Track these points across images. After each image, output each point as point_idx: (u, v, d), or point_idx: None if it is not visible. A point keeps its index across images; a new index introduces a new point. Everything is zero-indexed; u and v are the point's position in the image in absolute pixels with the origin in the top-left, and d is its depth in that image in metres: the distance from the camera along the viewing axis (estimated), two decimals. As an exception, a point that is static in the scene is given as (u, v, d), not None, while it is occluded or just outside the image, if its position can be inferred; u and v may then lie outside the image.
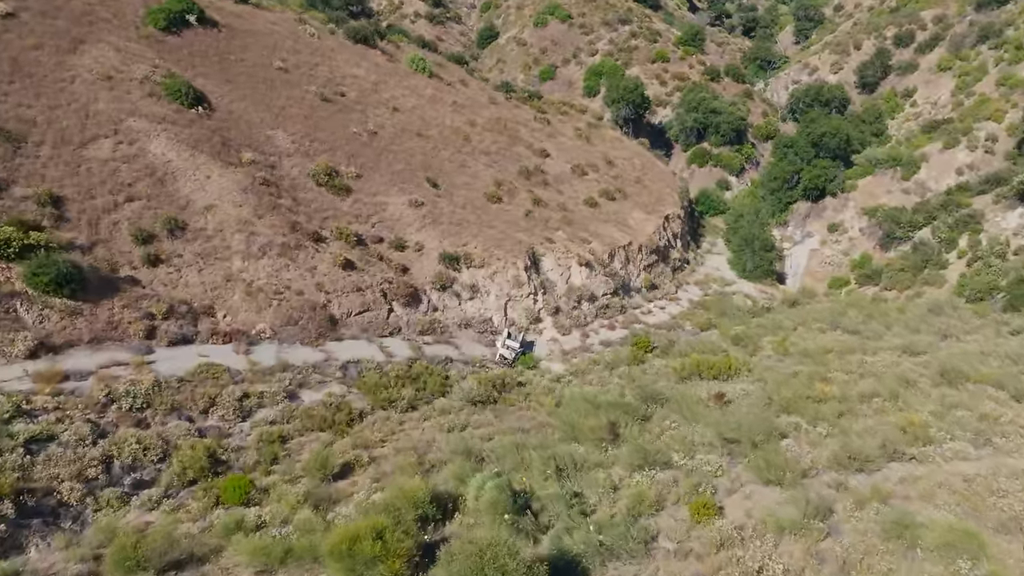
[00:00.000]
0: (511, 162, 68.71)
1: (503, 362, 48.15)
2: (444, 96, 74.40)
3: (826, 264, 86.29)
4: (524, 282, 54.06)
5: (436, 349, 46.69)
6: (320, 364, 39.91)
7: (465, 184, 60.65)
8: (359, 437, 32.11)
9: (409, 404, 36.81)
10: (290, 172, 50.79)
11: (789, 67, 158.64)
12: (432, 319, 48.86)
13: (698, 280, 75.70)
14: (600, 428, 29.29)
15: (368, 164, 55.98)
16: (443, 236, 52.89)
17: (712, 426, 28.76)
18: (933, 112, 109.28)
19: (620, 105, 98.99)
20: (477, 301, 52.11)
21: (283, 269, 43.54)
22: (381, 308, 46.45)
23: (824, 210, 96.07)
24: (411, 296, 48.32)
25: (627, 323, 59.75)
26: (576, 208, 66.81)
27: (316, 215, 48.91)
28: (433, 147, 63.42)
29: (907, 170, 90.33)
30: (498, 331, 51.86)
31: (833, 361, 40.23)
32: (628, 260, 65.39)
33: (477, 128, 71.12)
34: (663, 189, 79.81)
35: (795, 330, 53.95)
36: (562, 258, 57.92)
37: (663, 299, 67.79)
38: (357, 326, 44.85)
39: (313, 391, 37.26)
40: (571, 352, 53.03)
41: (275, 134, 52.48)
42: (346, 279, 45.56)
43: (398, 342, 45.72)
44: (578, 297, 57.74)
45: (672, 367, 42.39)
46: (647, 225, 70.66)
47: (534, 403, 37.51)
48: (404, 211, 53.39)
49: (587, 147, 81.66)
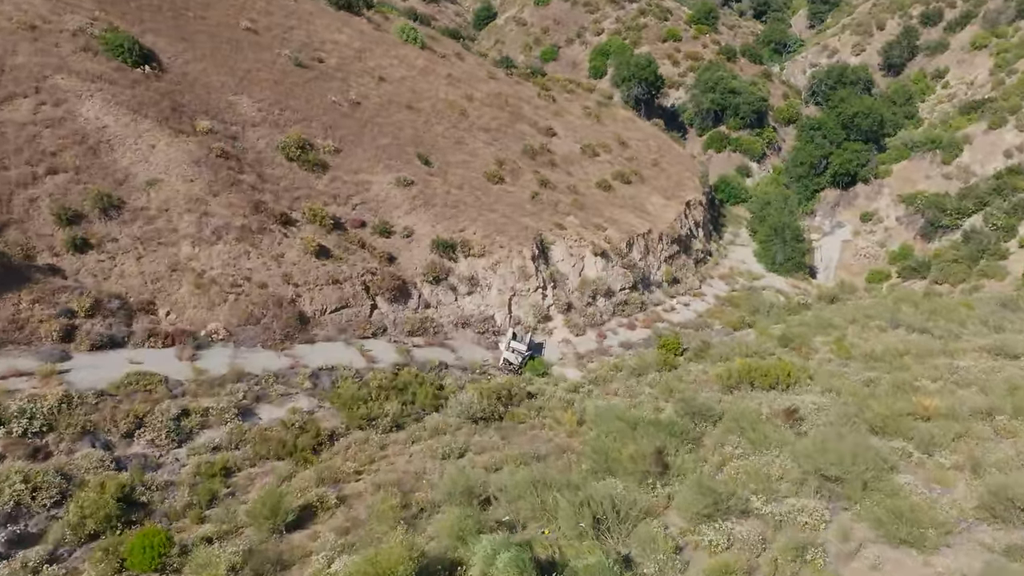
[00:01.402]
0: (513, 140, 62.10)
1: (508, 368, 41.60)
2: (438, 68, 67.74)
3: (861, 256, 79.89)
4: (531, 274, 47.45)
5: (428, 353, 40.07)
6: (285, 372, 33.25)
7: (462, 162, 54.01)
8: (327, 467, 25.47)
9: (394, 422, 30.15)
10: (255, 144, 44.09)
11: (806, 50, 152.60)
12: (423, 317, 42.24)
13: (723, 274, 69.21)
14: (643, 457, 22.78)
15: (349, 137, 49.30)
16: (436, 220, 46.26)
17: (793, 454, 22.28)
18: (970, 93, 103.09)
19: (631, 84, 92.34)
20: (477, 296, 45.49)
21: (242, 257, 36.88)
22: (362, 304, 39.82)
23: (855, 198, 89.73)
24: (398, 290, 41.69)
25: (648, 322, 53.20)
26: (588, 191, 60.21)
27: (285, 194, 42.25)
28: (425, 121, 56.77)
29: (948, 153, 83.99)
30: (501, 331, 45.27)
31: (912, 366, 33.79)
32: (648, 250, 58.82)
33: (475, 103, 64.51)
34: (682, 173, 73.25)
35: (848, 329, 47.52)
36: (575, 247, 51.32)
37: (686, 294, 61.28)
38: (333, 325, 38.22)
39: (274, 406, 30.61)
40: (587, 355, 46.44)
41: (238, 100, 45.75)
42: (320, 269, 38.94)
43: (382, 344, 39.09)
44: (593, 292, 51.13)
45: (715, 374, 35.84)
46: (667, 211, 64.12)
47: (550, 420, 30.85)
48: (391, 191, 46.73)
49: (597, 127, 75.09)
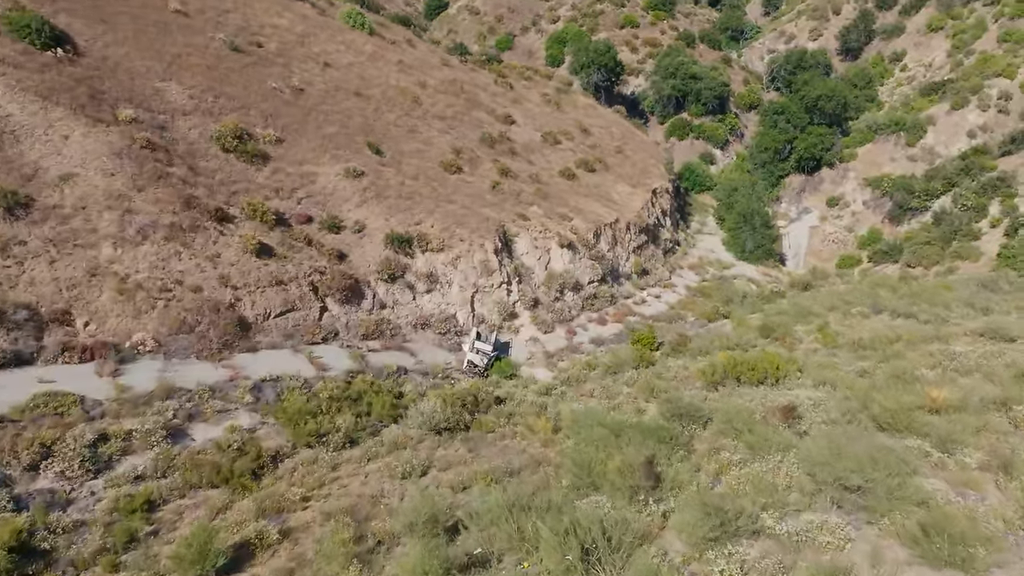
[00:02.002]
0: (471, 128, 59.20)
1: (473, 371, 38.77)
2: (388, 55, 64.42)
3: (830, 242, 79.03)
4: (495, 268, 44.67)
5: (385, 357, 37.01)
6: (223, 385, 29.91)
7: (416, 152, 50.91)
8: (269, 495, 22.31)
9: (347, 438, 27.07)
10: (187, 134, 40.39)
11: (763, 36, 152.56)
12: (379, 319, 39.16)
13: (692, 264, 67.41)
14: (632, 469, 20.09)
15: (292, 126, 45.82)
16: (390, 213, 43.15)
17: (800, 459, 19.95)
18: (928, 75, 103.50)
19: (590, 70, 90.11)
20: (436, 294, 42.54)
21: (172, 258, 33.33)
22: (310, 306, 36.57)
23: (821, 183, 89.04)
24: (350, 290, 38.53)
25: (619, 316, 50.90)
26: (551, 180, 57.64)
27: (221, 188, 38.70)
28: (375, 109, 53.49)
29: (912, 135, 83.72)
30: (464, 331, 42.43)
31: (907, 354, 31.94)
32: (615, 241, 56.53)
33: (428, 90, 61.40)
34: (647, 160, 71.25)
35: (828, 316, 45.83)
36: (539, 238, 48.69)
37: (656, 286, 59.22)
38: (278, 331, 34.91)
39: (210, 424, 27.28)
40: (557, 354, 43.87)
41: (166, 87, 41.95)
42: (262, 270, 35.57)
43: (334, 350, 35.92)
44: (560, 286, 48.59)
45: (697, 370, 33.53)
46: (634, 200, 61.95)
47: (521, 427, 28.10)
48: (339, 183, 43.44)
49: (558, 114, 72.61)
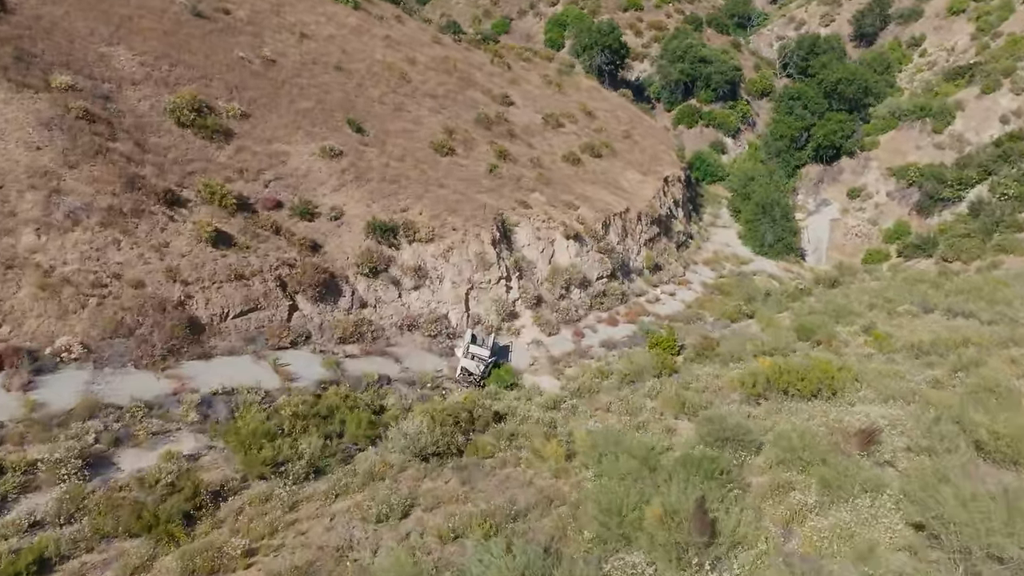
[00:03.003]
0: (464, 108, 54.36)
1: (467, 380, 33.95)
2: (374, 29, 59.54)
3: (853, 236, 74.44)
4: (492, 262, 39.83)
5: (365, 364, 32.20)
6: (164, 400, 25.07)
7: (404, 131, 46.03)
8: (204, 547, 17.39)
9: (311, 466, 22.16)
10: (135, 106, 35.44)
11: (771, 23, 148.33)
12: (358, 319, 34.31)
13: (707, 259, 62.73)
14: (675, 517, 15.52)
15: (261, 100, 40.91)
16: (372, 198, 38.28)
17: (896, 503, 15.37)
18: (951, 59, 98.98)
19: (593, 52, 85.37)
20: (425, 291, 37.70)
21: (110, 247, 28.45)
22: (277, 305, 31.70)
23: (840, 173, 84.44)
24: (325, 285, 33.67)
25: (632, 315, 46.17)
26: (554, 165, 52.84)
27: (174, 167, 33.77)
28: (358, 84, 48.58)
29: (939, 121, 79.14)
30: (458, 334, 37.61)
31: (986, 360, 27.30)
32: (626, 232, 51.75)
33: (418, 67, 56.53)
34: (657, 146, 66.51)
35: (869, 316, 41.17)
36: (543, 228, 43.88)
37: (670, 283, 54.55)
38: (238, 334, 30.06)
39: (142, 450, 22.42)
40: (563, 359, 39.09)
41: (114, 52, 36.97)
42: (219, 262, 30.71)
43: (304, 356, 31.10)
44: (566, 282, 43.79)
45: (732, 379, 28.83)
46: (644, 188, 57.19)
47: (527, 452, 23.25)
48: (314, 163, 38.55)
49: (559, 96, 67.83)
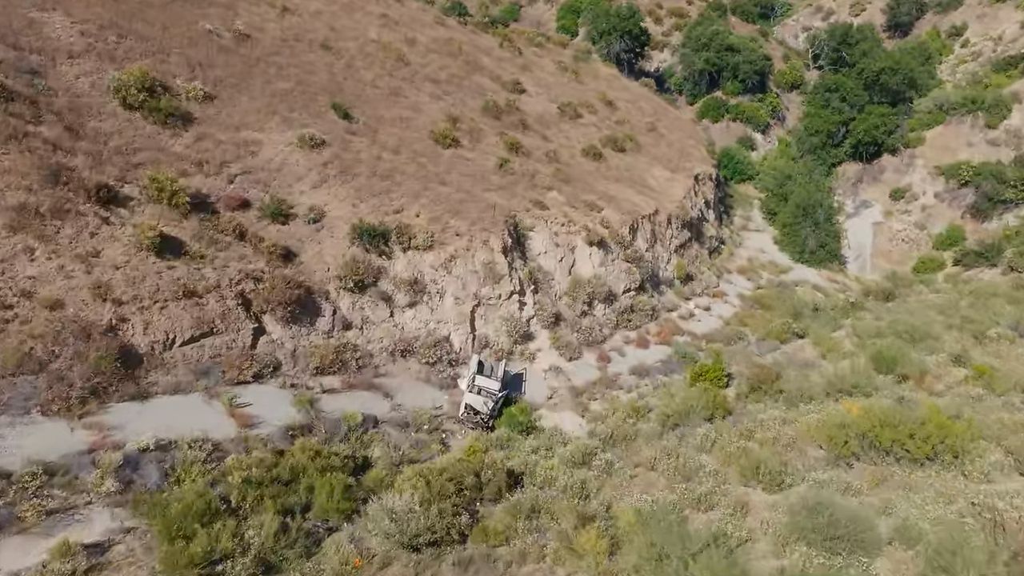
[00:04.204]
0: (471, 95, 48.60)
1: (472, 419, 28.13)
2: (368, 7, 53.86)
3: (899, 241, 68.27)
4: (503, 273, 34.02)
5: (347, 401, 26.47)
6: (74, 460, 19.36)
7: (400, 119, 40.29)
8: None
9: (259, 562, 16.41)
10: (73, 84, 29.75)
11: (796, 13, 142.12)
12: (340, 345, 28.55)
13: (741, 267, 56.75)
14: None
15: (230, 80, 35.21)
16: (359, 196, 32.52)
17: None
18: (999, 49, 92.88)
19: (611, 38, 79.60)
20: (423, 308, 31.90)
21: (19, 257, 22.78)
22: (239, 328, 25.97)
23: (882, 172, 78.34)
24: (299, 303, 27.90)
25: (665, 335, 40.32)
26: (573, 160, 47.03)
27: (116, 158, 28.07)
28: (347, 65, 42.87)
29: (993, 115, 73.02)
30: (462, 359, 31.81)
31: None
32: (655, 238, 45.90)
33: (419, 48, 50.80)
34: (685, 141, 60.66)
35: (946, 339, 35.31)
36: (562, 233, 38.07)
37: (703, 295, 48.69)
38: (187, 366, 24.35)
39: (29, 538, 16.78)
40: (587, 390, 33.27)
41: (46, 18, 31.30)
42: (165, 275, 25.00)
43: (271, 393, 25.39)
44: (589, 296, 37.97)
45: (811, 430, 22.95)
46: (674, 187, 51.34)
47: (555, 540, 17.46)
48: (290, 155, 32.81)
49: (576, 84, 62.05)
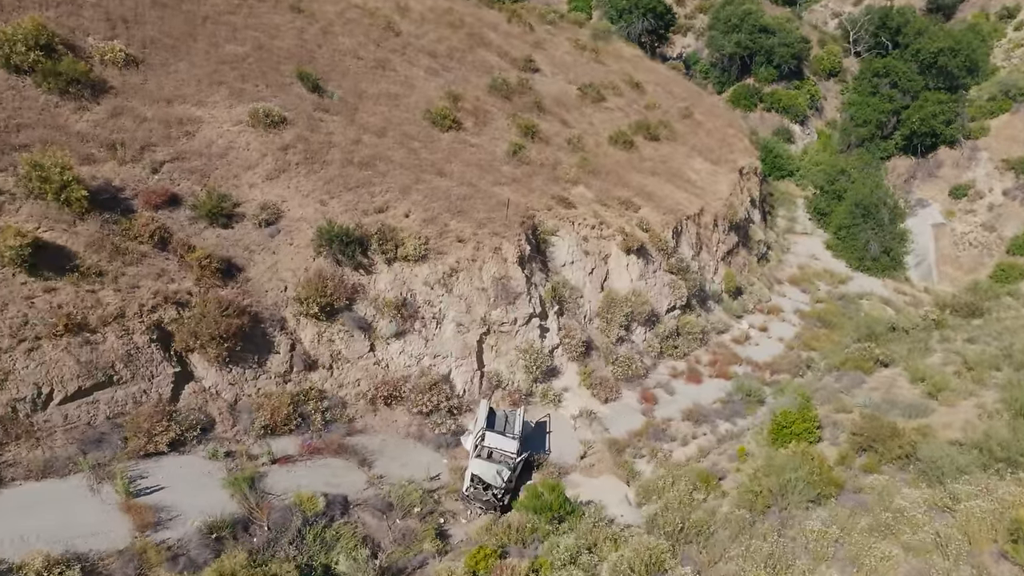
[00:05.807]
0: (475, 72, 41.25)
1: (481, 497, 20.55)
2: (354, -28, 46.53)
3: (967, 245, 60.77)
4: (519, 290, 26.56)
5: (306, 476, 19.11)
6: None
7: (387, 95, 32.88)
8: None
9: None
10: (-62, 38, 22.49)
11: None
12: (300, 391, 21.14)
13: (793, 276, 49.23)
14: None
15: (166, 42, 27.86)
16: (330, 191, 25.09)
17: None
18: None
19: (633, 17, 72.24)
20: (415, 339, 24.42)
21: None
22: (151, 375, 18.58)
23: (939, 166, 70.70)
24: (241, 337, 20.44)
25: (721, 365, 32.83)
26: (599, 149, 39.59)
27: (-13, 137, 20.78)
28: (323, 31, 35.52)
29: (1069, 101, 65.63)
30: (466, 405, 24.32)
31: None
32: (700, 243, 38.46)
33: (412, 17, 43.47)
34: (725, 129, 53.22)
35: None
36: (592, 238, 30.61)
37: (755, 311, 41.28)
38: (69, 433, 17.16)
39: None
40: (630, 443, 25.78)
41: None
42: (39, 302, 17.68)
43: (195, 468, 18.08)
44: (626, 317, 30.49)
45: (977, 523, 15.47)
46: (718, 182, 43.88)
47: None
48: (239, 136, 25.43)
49: (596, 65, 54.66)
